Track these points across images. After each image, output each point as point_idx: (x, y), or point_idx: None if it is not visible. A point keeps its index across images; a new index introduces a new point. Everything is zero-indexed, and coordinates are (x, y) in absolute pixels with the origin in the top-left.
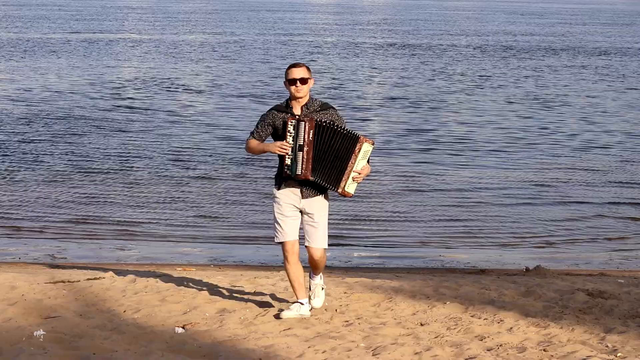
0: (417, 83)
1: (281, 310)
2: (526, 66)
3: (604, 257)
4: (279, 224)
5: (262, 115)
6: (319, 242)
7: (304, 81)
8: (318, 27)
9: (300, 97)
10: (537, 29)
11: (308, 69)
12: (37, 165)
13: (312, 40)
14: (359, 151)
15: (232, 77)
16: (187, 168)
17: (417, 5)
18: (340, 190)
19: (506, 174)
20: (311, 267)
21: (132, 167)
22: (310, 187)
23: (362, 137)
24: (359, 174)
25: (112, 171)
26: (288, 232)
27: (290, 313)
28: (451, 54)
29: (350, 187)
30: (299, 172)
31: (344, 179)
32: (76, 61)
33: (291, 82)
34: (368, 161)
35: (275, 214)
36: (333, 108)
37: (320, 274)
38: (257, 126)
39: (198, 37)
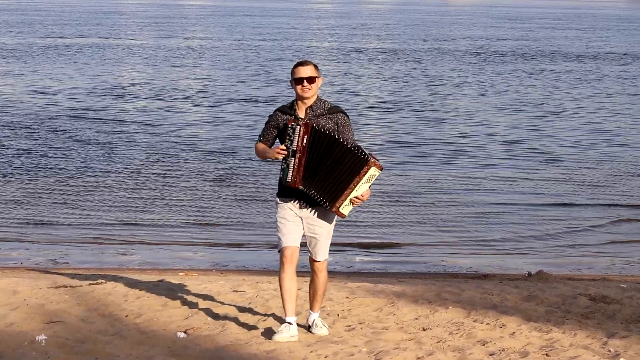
0: (417, 88)
1: (273, 333)
2: (521, 71)
3: (606, 262)
4: (280, 229)
5: (269, 116)
6: (319, 254)
7: (311, 80)
8: (305, 32)
9: (307, 98)
10: (524, 34)
11: (316, 67)
12: (37, 171)
13: (300, 44)
14: (365, 174)
15: (221, 83)
16: (189, 173)
17: (403, 10)
18: (334, 209)
19: (508, 179)
20: (312, 289)
21: (133, 172)
22: (309, 198)
23: (371, 160)
24: (358, 198)
25: (114, 177)
26: (289, 236)
27: (281, 336)
28: (438, 59)
29: (345, 208)
30: (289, 179)
31: (341, 198)
32: (42, 67)
33: (297, 81)
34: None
35: (277, 218)
36: (343, 112)
37: (319, 311)
38: (263, 129)
39: (178, 42)
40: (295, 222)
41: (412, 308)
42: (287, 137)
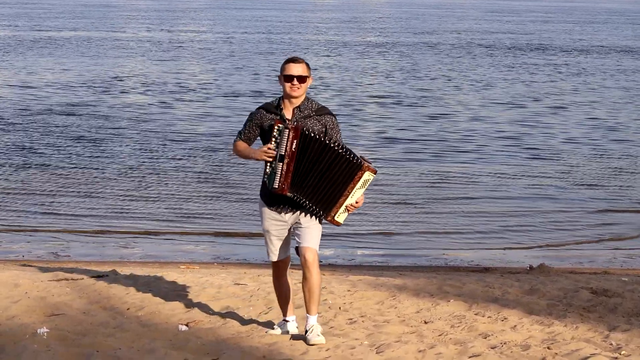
0: (413, 84)
1: (270, 328)
2: (520, 65)
3: (608, 255)
4: (267, 243)
5: (250, 113)
6: (309, 240)
7: (302, 79)
8: (297, 26)
9: (295, 97)
10: (521, 28)
11: (308, 66)
12: (39, 164)
13: (291, 38)
14: (359, 180)
15: (211, 77)
16: (191, 166)
17: (398, 4)
18: (329, 218)
19: (509, 172)
20: (306, 288)
21: (134, 165)
22: (296, 205)
23: (365, 165)
24: (353, 205)
25: (113, 170)
26: (277, 251)
27: (275, 332)
28: (433, 52)
29: (340, 216)
30: (275, 185)
31: (335, 207)
32: (29, 61)
33: (287, 78)
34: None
35: (263, 228)
36: (331, 114)
37: (316, 314)
38: (244, 126)
39: (167, 36)
40: (281, 234)
41: (413, 301)
42: (273, 139)
